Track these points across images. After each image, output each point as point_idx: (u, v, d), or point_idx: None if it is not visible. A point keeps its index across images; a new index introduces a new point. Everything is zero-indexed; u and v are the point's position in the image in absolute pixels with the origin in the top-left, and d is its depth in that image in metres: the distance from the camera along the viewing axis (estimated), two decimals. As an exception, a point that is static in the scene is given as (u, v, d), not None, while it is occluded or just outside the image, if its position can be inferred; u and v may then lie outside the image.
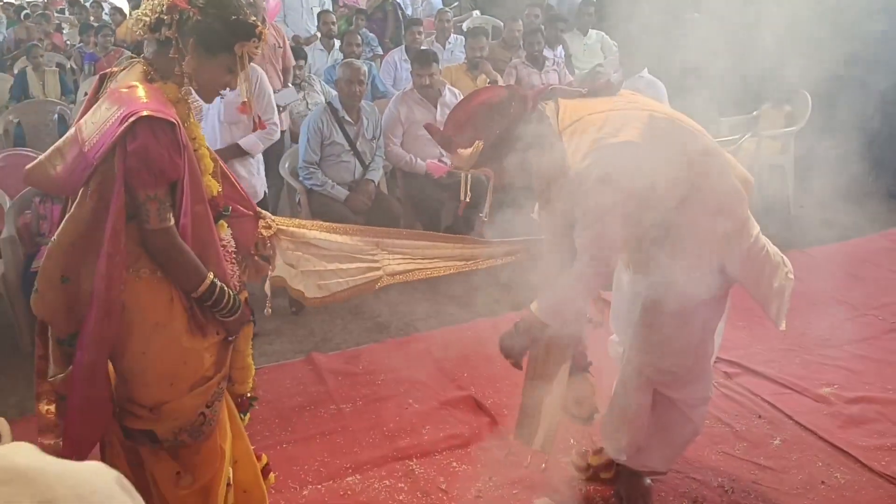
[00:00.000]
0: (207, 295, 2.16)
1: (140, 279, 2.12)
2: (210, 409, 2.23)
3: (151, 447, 2.24)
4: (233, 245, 2.34)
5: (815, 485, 2.94)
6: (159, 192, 2.05)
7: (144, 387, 2.18)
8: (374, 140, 5.21)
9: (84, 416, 2.15)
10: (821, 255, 5.01)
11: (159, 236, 2.08)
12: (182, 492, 2.26)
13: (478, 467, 3.14)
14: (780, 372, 3.66)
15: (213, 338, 2.24)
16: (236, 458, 2.41)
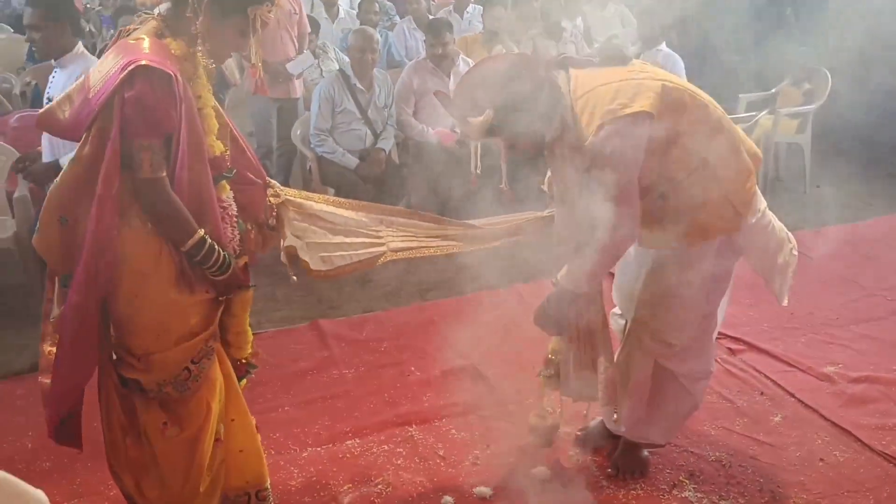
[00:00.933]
0: (195, 250, 2.19)
1: (131, 228, 2.16)
2: (196, 366, 2.27)
3: (142, 396, 2.29)
4: (234, 208, 2.35)
5: (813, 462, 2.93)
6: (154, 142, 2.08)
7: (132, 335, 2.24)
8: (386, 109, 5.19)
9: (72, 356, 2.21)
10: (833, 234, 4.95)
11: (150, 186, 2.11)
12: (169, 441, 2.31)
13: (476, 435, 3.15)
14: (785, 350, 3.64)
15: (201, 295, 2.27)
16: (232, 417, 2.44)
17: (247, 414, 2.50)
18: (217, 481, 2.42)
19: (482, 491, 2.82)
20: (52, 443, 3.11)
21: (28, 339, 4.07)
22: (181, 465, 2.33)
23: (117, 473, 2.44)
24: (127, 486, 2.44)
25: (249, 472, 2.49)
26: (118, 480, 2.46)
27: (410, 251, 2.69)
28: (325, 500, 2.80)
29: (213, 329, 2.33)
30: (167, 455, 2.32)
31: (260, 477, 2.51)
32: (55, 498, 2.80)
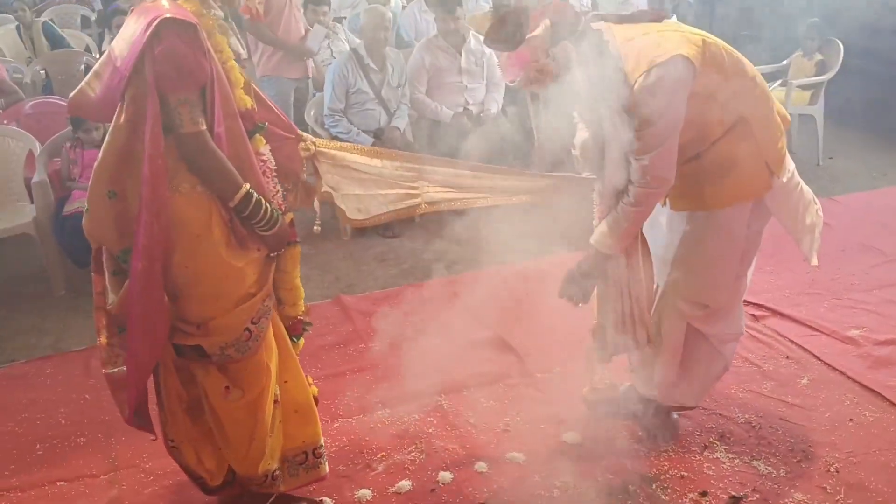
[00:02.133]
0: (244, 205, 2.19)
1: (179, 194, 2.16)
2: (256, 326, 2.28)
3: (201, 362, 2.30)
4: (272, 162, 2.35)
5: (843, 422, 2.95)
6: (190, 95, 2.08)
7: (191, 303, 2.24)
8: (400, 88, 5.19)
9: (145, 329, 2.19)
10: (850, 202, 4.96)
11: (192, 140, 2.11)
12: (231, 405, 2.33)
13: (505, 403, 3.18)
14: (808, 315, 3.65)
15: (253, 253, 2.27)
16: (286, 379, 2.46)
17: (300, 374, 2.52)
18: (277, 442, 2.45)
19: (515, 456, 2.85)
20: (84, 418, 3.20)
21: (49, 322, 4.11)
22: (246, 428, 2.35)
23: (177, 448, 2.46)
24: (187, 459, 2.47)
25: (306, 432, 2.52)
26: (177, 454, 2.48)
27: (447, 203, 2.69)
28: (360, 468, 2.83)
29: (269, 288, 2.34)
30: (232, 419, 2.35)
31: (315, 435, 2.54)
32: (92, 471, 2.87)
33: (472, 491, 2.69)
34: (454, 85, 5.35)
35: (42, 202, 4.43)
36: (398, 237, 5.01)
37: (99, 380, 3.44)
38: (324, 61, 5.92)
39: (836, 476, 2.68)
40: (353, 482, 2.75)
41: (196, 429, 2.46)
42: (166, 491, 2.76)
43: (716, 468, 2.74)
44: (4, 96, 5.68)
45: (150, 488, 2.78)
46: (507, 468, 2.80)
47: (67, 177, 4.51)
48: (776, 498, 2.59)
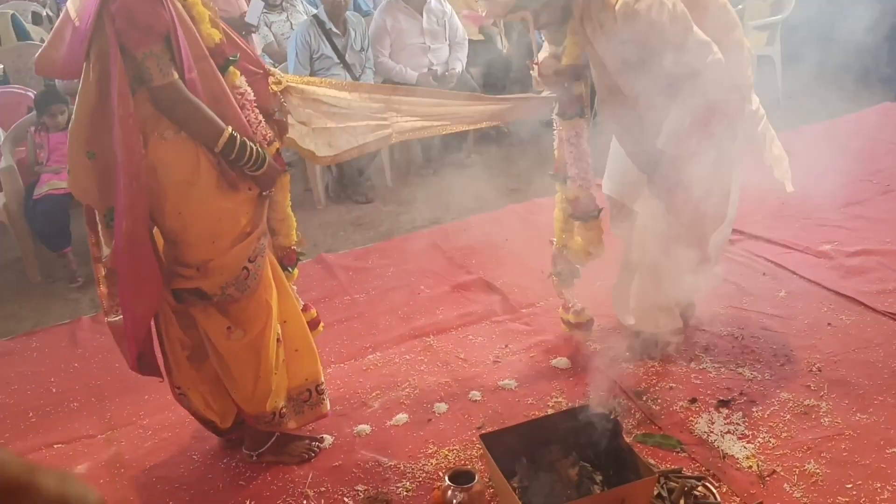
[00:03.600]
0: (228, 149, 2.20)
1: (165, 140, 2.16)
2: (253, 264, 2.30)
3: (201, 305, 2.32)
4: (251, 93, 2.35)
5: (821, 327, 3.03)
6: (154, 48, 2.08)
7: (188, 247, 2.25)
8: (363, 52, 5.19)
9: (136, 285, 2.22)
10: (813, 131, 5.07)
11: (165, 92, 2.11)
12: (234, 344, 2.35)
13: (493, 338, 3.22)
14: (782, 235, 3.74)
15: (245, 193, 2.28)
16: (285, 319, 2.48)
17: (299, 313, 2.54)
18: (282, 380, 2.47)
19: (507, 384, 2.90)
20: (75, 385, 3.20)
21: (26, 309, 4.08)
22: (251, 367, 2.38)
23: (184, 394, 2.49)
24: (195, 404, 2.49)
25: (307, 369, 2.55)
26: (185, 401, 2.51)
27: (417, 131, 2.72)
28: (356, 406, 2.86)
29: (264, 227, 2.36)
30: (236, 359, 2.37)
31: (316, 373, 2.57)
32: (89, 431, 2.87)
33: (468, 417, 2.74)
34: (417, 46, 5.36)
35: (11, 189, 4.38)
36: (372, 202, 5.04)
37: (86, 349, 3.46)
38: (283, 34, 5.90)
39: (819, 374, 2.76)
40: (351, 420, 2.78)
41: (201, 374, 2.48)
42: (166, 443, 2.77)
43: (703, 377, 2.81)
44: (-38, 90, 5.59)
45: (149, 442, 2.79)
46: (501, 394, 2.85)
47: (35, 161, 4.47)
48: (763, 398, 2.67)
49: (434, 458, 2.54)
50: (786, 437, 2.48)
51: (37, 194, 4.30)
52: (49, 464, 2.73)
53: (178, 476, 2.60)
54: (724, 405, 2.66)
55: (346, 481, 2.48)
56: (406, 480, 2.46)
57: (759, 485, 2.29)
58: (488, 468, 2.30)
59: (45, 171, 4.38)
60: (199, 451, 2.71)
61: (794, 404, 2.62)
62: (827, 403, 2.61)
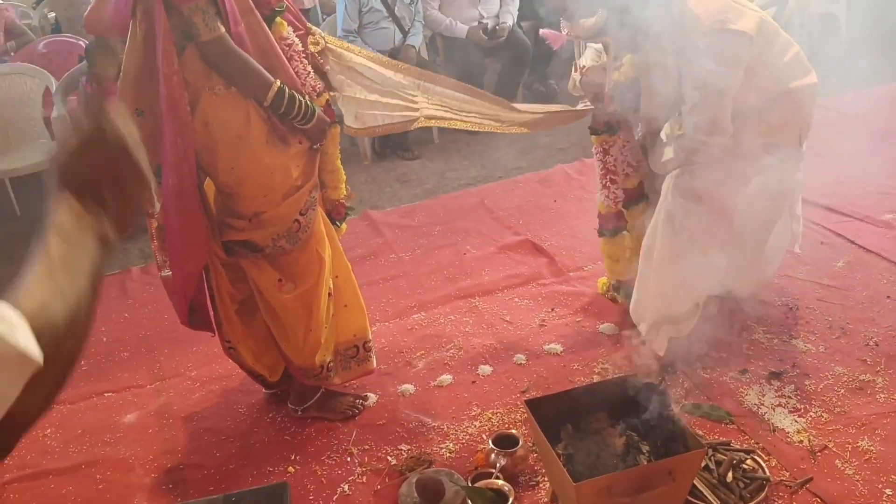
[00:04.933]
0: (277, 102, 2.18)
1: (216, 96, 2.16)
2: (304, 217, 2.30)
3: (252, 258, 2.32)
4: (299, 44, 2.32)
5: (880, 299, 2.94)
6: (199, 2, 2.06)
7: (242, 199, 2.26)
8: (413, 5, 5.10)
9: (183, 241, 2.25)
10: (875, 94, 4.88)
11: (213, 46, 2.10)
12: (285, 297, 2.36)
13: (539, 301, 3.19)
14: (841, 202, 3.61)
15: (295, 147, 2.28)
16: (336, 273, 2.48)
17: (349, 269, 2.55)
18: (332, 335, 2.49)
19: (553, 348, 2.87)
20: (125, 335, 3.25)
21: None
22: (301, 320, 2.39)
23: (234, 348, 2.51)
24: (245, 358, 2.52)
25: (355, 325, 2.56)
26: (234, 355, 2.54)
27: (443, 120, 2.67)
28: (401, 366, 2.86)
29: (315, 180, 2.36)
30: (287, 311, 2.38)
31: (364, 329, 2.58)
32: (138, 381, 2.93)
33: (513, 381, 2.72)
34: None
35: (63, 138, 4.42)
36: (419, 158, 5.00)
37: (136, 300, 3.51)
38: (333, -14, 5.84)
39: (876, 349, 2.68)
40: (395, 378, 2.78)
41: (250, 328, 2.50)
42: (213, 395, 2.81)
43: (755, 348, 2.75)
44: (15, 38, 5.65)
45: (197, 394, 2.83)
46: (546, 359, 2.82)
47: (86, 111, 4.50)
48: (816, 372, 2.60)
49: (477, 421, 2.53)
50: (839, 412, 2.42)
51: (87, 144, 4.33)
52: (100, 412, 2.80)
53: (224, 428, 2.64)
54: (775, 377, 2.60)
55: (389, 440, 2.49)
56: (449, 442, 2.46)
57: (809, 460, 2.24)
58: (532, 433, 2.29)
59: (95, 121, 4.41)
60: (246, 404, 2.74)
61: (848, 378, 2.55)
62: (883, 379, 2.53)
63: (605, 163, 2.88)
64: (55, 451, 2.63)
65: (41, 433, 2.71)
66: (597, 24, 2.46)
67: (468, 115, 2.70)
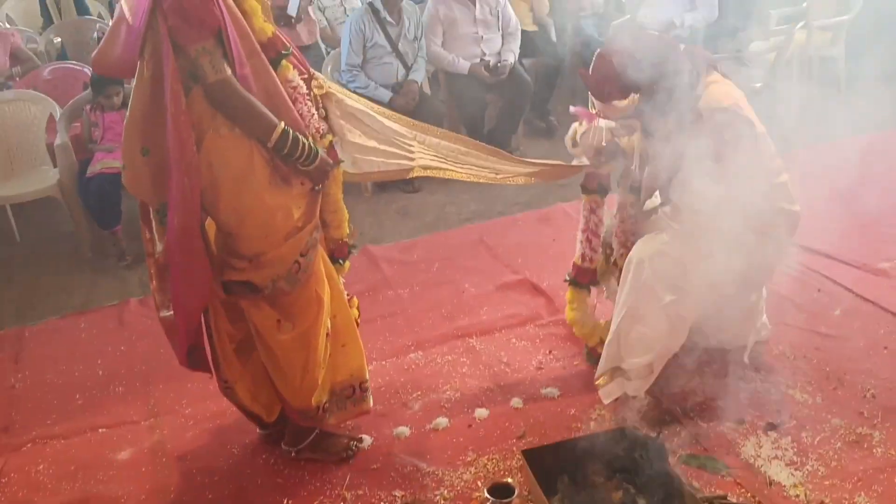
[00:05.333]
0: (281, 144, 2.20)
1: (220, 136, 2.18)
2: (304, 258, 2.30)
3: (252, 298, 2.32)
4: (303, 86, 2.34)
5: (878, 350, 2.94)
6: (206, 44, 2.08)
7: (242, 239, 2.27)
8: (416, 41, 5.15)
9: (186, 280, 2.24)
10: (873, 140, 4.91)
11: (219, 88, 2.12)
12: (283, 337, 2.36)
13: (537, 343, 3.18)
14: (839, 249, 3.62)
15: (298, 188, 2.29)
16: (335, 313, 2.48)
17: (347, 309, 2.54)
18: (328, 375, 2.47)
19: (550, 392, 2.86)
20: (121, 368, 3.25)
21: (77, 283, 4.15)
22: (299, 360, 2.38)
23: (231, 388, 2.51)
24: (241, 398, 2.52)
25: (352, 366, 2.55)
26: (231, 395, 2.53)
27: (438, 171, 2.69)
28: (397, 407, 2.85)
29: (316, 221, 2.36)
30: (284, 352, 2.37)
31: (361, 369, 2.57)
32: (133, 417, 2.91)
33: (510, 425, 2.71)
34: (469, 36, 5.31)
35: (65, 165, 4.45)
36: (419, 191, 5.01)
37: (133, 332, 3.50)
38: (337, 19, 5.89)
39: (873, 401, 2.67)
40: (391, 420, 2.77)
41: (247, 368, 2.50)
42: (207, 433, 2.80)
43: (752, 398, 2.74)
44: (21, 64, 5.66)
45: (191, 432, 2.82)
46: (543, 403, 2.81)
47: (89, 139, 4.51)
48: (813, 423, 2.59)
49: (473, 467, 2.52)
50: (836, 466, 2.41)
51: (90, 172, 4.35)
52: (94, 448, 2.78)
53: (217, 468, 2.63)
54: (772, 428, 2.59)
55: (383, 485, 2.48)
56: (444, 489, 2.44)
57: (806, 516, 2.23)
58: (528, 484, 2.28)
59: (98, 149, 4.43)
60: (240, 444, 2.73)
61: (845, 431, 2.55)
62: (880, 433, 2.53)
63: (588, 221, 2.94)
64: (47, 488, 2.61)
65: (34, 469, 2.69)
66: (629, 108, 2.51)
67: (463, 165, 2.73)
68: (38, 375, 3.27)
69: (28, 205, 4.68)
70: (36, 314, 3.84)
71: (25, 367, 3.35)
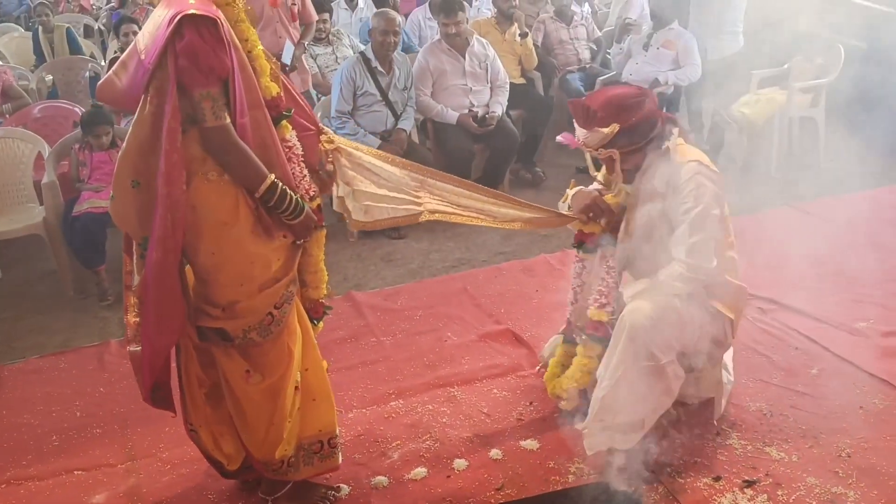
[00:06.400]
0: (269, 195, 2.22)
1: (208, 181, 2.20)
2: (279, 311, 2.31)
3: (223, 346, 2.33)
4: (299, 147, 2.38)
5: (853, 409, 2.97)
6: (212, 90, 2.12)
7: (217, 286, 2.28)
8: (406, 90, 5.24)
9: (158, 317, 2.25)
10: (854, 200, 5.01)
11: (216, 134, 2.15)
12: (251, 388, 2.35)
13: (518, 394, 3.20)
14: (816, 308, 3.67)
15: (279, 241, 2.31)
16: (307, 366, 2.47)
17: (320, 363, 2.53)
18: (295, 429, 2.46)
19: (529, 444, 2.87)
20: (100, 410, 3.22)
21: (58, 322, 4.14)
22: (265, 412, 2.37)
23: (195, 432, 2.49)
24: (205, 442, 2.50)
25: (322, 420, 2.52)
26: (195, 438, 2.52)
27: (445, 214, 2.76)
28: (375, 456, 2.84)
29: (293, 274, 2.38)
30: (251, 402, 2.37)
31: (331, 424, 2.55)
32: (109, 460, 2.89)
33: (488, 477, 2.71)
34: (458, 87, 5.41)
35: (51, 203, 4.46)
36: (404, 238, 5.05)
37: (112, 373, 3.49)
38: (328, 67, 5.99)
39: (848, 461, 2.70)
40: (369, 469, 2.76)
41: (216, 414, 2.49)
42: (184, 479, 2.77)
43: (728, 454, 2.76)
44: (11, 101, 5.72)
45: (167, 476, 2.79)
46: (522, 455, 2.82)
47: (76, 178, 4.54)
48: (789, 482, 2.61)
49: (451, 519, 2.52)
50: (811, 525, 2.43)
51: (76, 211, 4.36)
52: (68, 491, 2.75)
53: (193, 514, 2.60)
54: (749, 485, 2.61)
55: (360, 536, 2.47)
56: (421, 540, 2.43)
57: (781, 576, 2.23)
58: (505, 537, 2.28)
59: (85, 188, 4.45)
60: (216, 490, 2.71)
61: (820, 490, 2.57)
62: (855, 492, 2.55)
63: (579, 276, 3.06)
64: (19, 532, 2.58)
65: (6, 511, 2.66)
66: (608, 136, 2.66)
67: (466, 210, 2.79)
68: (15, 415, 3.23)
69: (12, 242, 4.67)
70: (15, 353, 3.82)
71: (2, 406, 3.32)
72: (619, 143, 2.70)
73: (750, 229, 3.18)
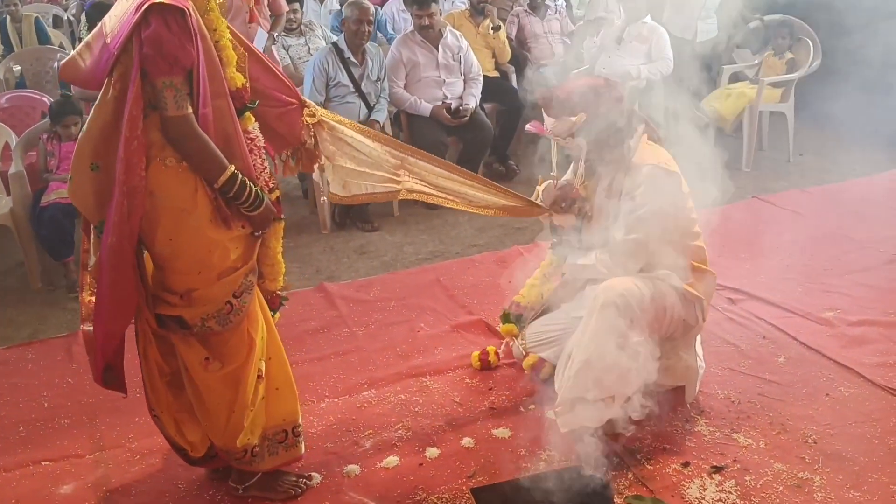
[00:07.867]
0: (228, 186, 2.21)
1: (167, 167, 2.19)
2: (238, 300, 2.30)
3: (182, 334, 2.31)
4: (261, 140, 2.37)
5: (819, 397, 3.02)
6: (175, 79, 2.11)
7: (175, 274, 2.26)
8: (379, 82, 5.23)
9: (111, 299, 2.24)
10: (822, 193, 5.08)
11: (176, 123, 2.14)
12: (210, 376, 2.34)
13: (490, 383, 3.21)
14: (784, 298, 3.72)
15: (237, 231, 2.29)
16: (269, 356, 2.47)
17: (282, 352, 2.53)
18: (258, 418, 2.45)
19: (501, 432, 2.88)
20: (67, 401, 3.18)
21: (25, 315, 4.08)
22: (225, 401, 2.36)
23: (158, 416, 2.48)
24: (168, 429, 2.48)
25: (285, 409, 2.52)
26: (158, 423, 2.50)
27: (422, 194, 2.75)
28: (347, 445, 2.84)
29: (253, 264, 2.36)
30: (210, 390, 2.36)
31: (294, 413, 2.54)
32: (77, 451, 2.86)
33: (460, 465, 2.72)
34: (432, 79, 5.41)
35: (19, 194, 4.39)
36: (378, 230, 5.04)
37: (81, 364, 3.44)
38: (300, 58, 5.95)
39: (815, 447, 2.74)
40: (341, 458, 2.76)
41: (177, 402, 2.47)
42: (153, 469, 2.75)
43: (697, 441, 2.80)
44: (-22, 91, 5.63)
45: (136, 466, 2.77)
46: (494, 443, 2.83)
47: (45, 168, 4.48)
48: (756, 468, 2.65)
49: (422, 506, 2.52)
50: (778, 510, 2.46)
51: (44, 202, 4.30)
52: (35, 481, 2.72)
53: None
54: (717, 471, 2.64)
55: (331, 523, 2.46)
56: (392, 527, 2.43)
57: (747, 559, 2.27)
58: (476, 523, 2.29)
59: (53, 179, 4.39)
60: (186, 480, 2.69)
61: (787, 476, 2.60)
62: (821, 477, 2.59)
63: None
64: (-16, 523, 2.55)
65: (-30, 502, 2.62)
66: (576, 125, 2.71)
67: (444, 191, 2.79)
68: (-19, 407, 3.19)
69: (-21, 233, 4.60)
70: (-18, 344, 3.77)
71: (-31, 397, 3.27)
72: (586, 132, 2.73)
73: (719, 221, 3.20)
